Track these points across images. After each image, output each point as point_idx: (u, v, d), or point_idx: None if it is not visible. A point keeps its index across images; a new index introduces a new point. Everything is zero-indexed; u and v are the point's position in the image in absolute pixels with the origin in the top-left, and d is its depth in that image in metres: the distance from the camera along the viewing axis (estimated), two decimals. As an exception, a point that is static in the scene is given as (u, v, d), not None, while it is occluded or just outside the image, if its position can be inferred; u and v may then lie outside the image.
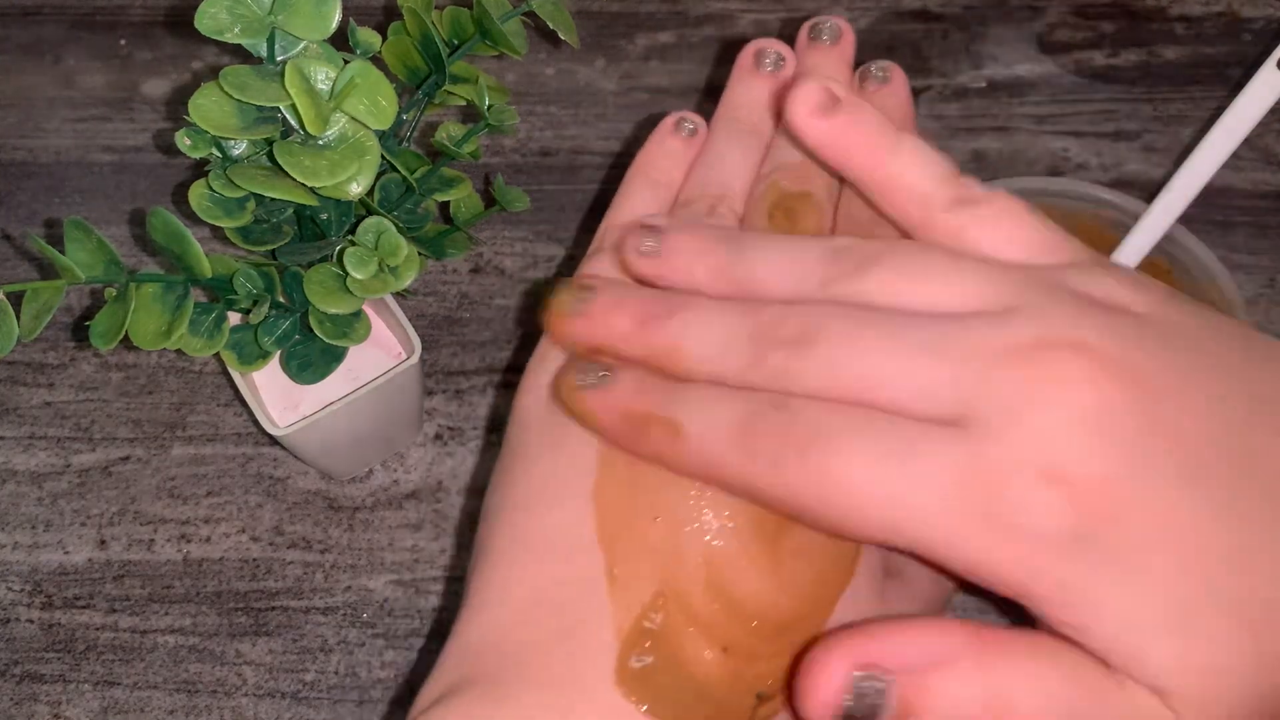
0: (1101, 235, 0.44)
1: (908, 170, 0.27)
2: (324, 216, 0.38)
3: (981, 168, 0.53)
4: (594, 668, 0.25)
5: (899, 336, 0.24)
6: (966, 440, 0.23)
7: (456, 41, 0.40)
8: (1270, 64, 0.38)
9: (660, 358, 0.27)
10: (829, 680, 0.23)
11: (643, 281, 0.29)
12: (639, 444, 0.26)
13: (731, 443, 0.25)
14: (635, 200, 0.34)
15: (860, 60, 0.34)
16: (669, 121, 0.35)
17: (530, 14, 0.40)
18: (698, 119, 0.35)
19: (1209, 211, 0.51)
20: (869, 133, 0.27)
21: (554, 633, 0.26)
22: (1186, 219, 0.40)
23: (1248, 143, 0.44)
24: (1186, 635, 0.22)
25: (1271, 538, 0.23)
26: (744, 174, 0.33)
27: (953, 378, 0.23)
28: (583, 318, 0.28)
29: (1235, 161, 0.52)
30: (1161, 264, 0.43)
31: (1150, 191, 0.40)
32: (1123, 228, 0.43)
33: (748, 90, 0.34)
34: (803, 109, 0.27)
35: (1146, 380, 0.23)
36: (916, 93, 0.56)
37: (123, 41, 0.59)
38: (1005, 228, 0.26)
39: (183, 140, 0.34)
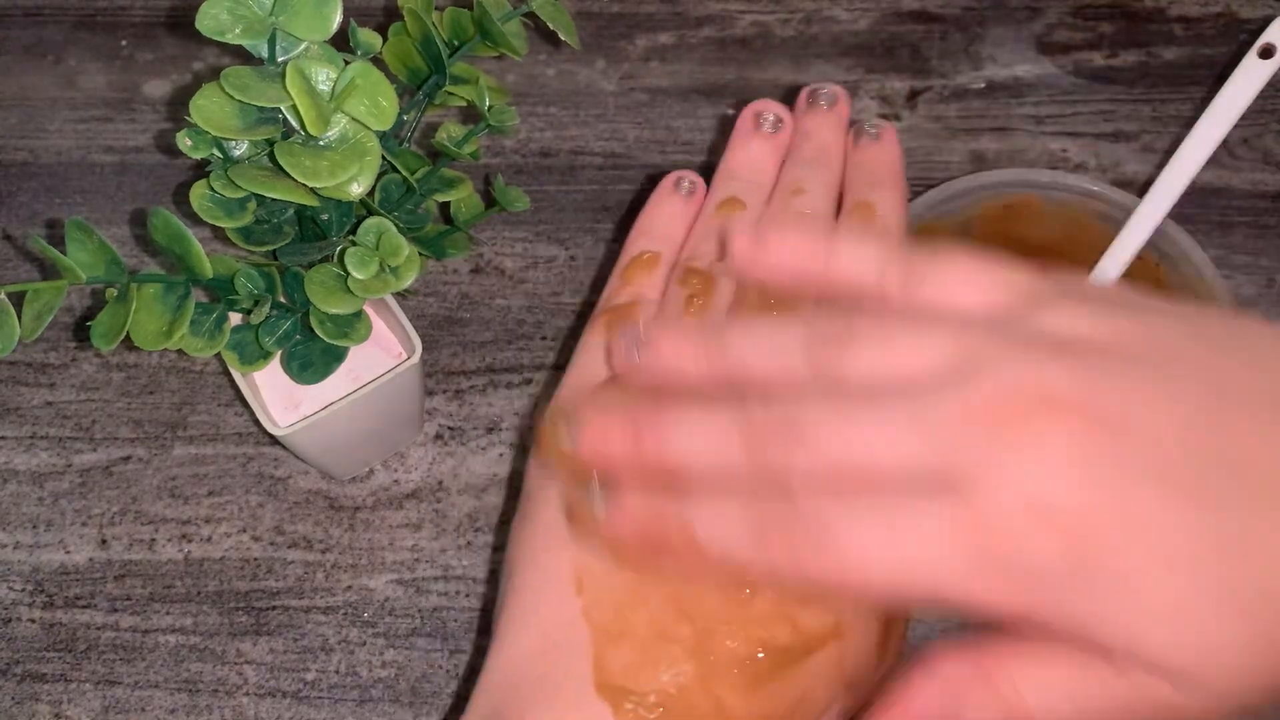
0: (1090, 227, 0.44)
1: (850, 269, 0.28)
2: (325, 217, 0.38)
3: (981, 168, 0.53)
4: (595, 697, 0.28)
5: (875, 415, 0.26)
6: (957, 499, 0.25)
7: (457, 42, 0.40)
8: (1252, 53, 0.38)
9: (655, 469, 0.27)
10: None
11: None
12: (658, 558, 0.28)
13: (748, 545, 0.26)
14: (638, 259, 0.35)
15: (862, 60, 0.34)
16: (669, 181, 0.36)
17: (530, 15, 0.40)
18: (696, 177, 0.36)
19: (1208, 212, 0.51)
20: (800, 252, 0.29)
21: (573, 662, 0.28)
22: (1186, 219, 0.40)
23: (1246, 143, 0.44)
24: (1181, 624, 0.24)
25: (1257, 527, 0.24)
26: None
27: (934, 445, 0.25)
28: (578, 441, 0.29)
29: (1234, 162, 0.52)
30: (1150, 259, 0.43)
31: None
32: (1111, 220, 0.43)
33: (747, 150, 0.36)
34: (739, 255, 0.29)
35: (1111, 411, 0.25)
36: (916, 93, 0.56)
37: (124, 42, 0.59)
38: (960, 287, 0.28)
39: (184, 141, 0.34)
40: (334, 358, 0.41)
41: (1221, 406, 0.25)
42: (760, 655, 0.28)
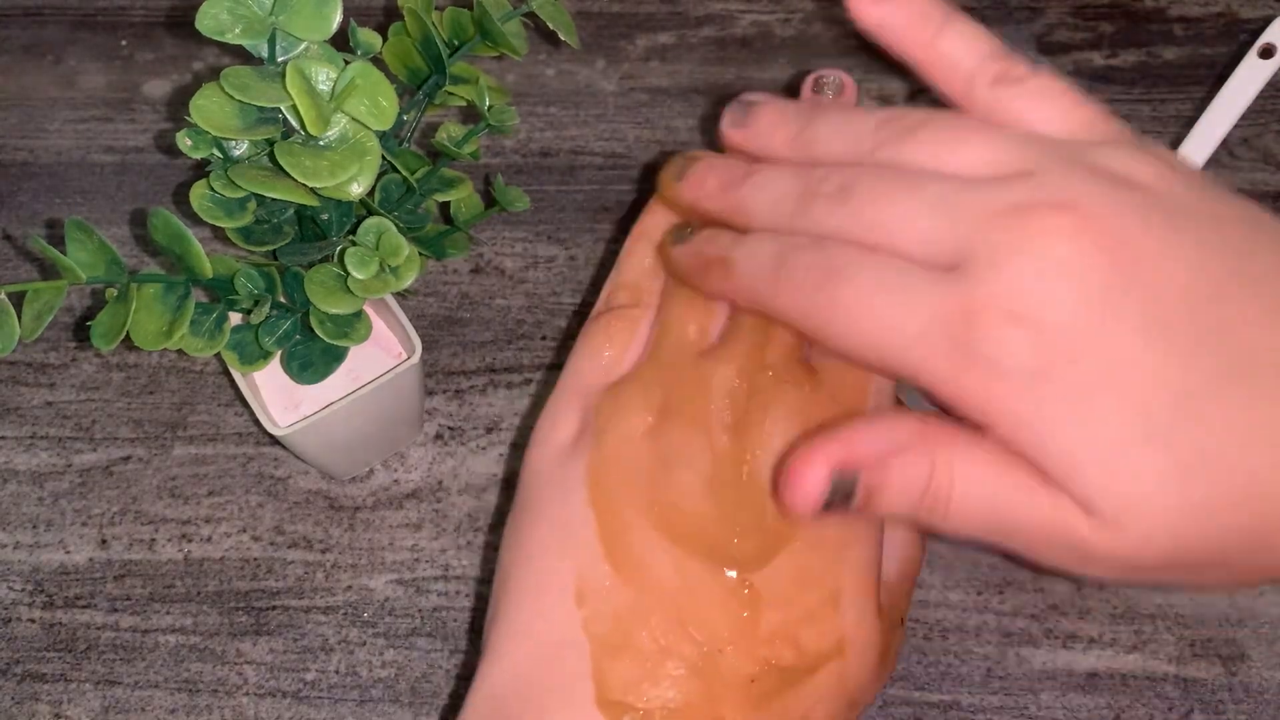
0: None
1: (954, 49, 0.30)
2: (325, 217, 0.38)
3: (981, 168, 0.53)
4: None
5: (916, 193, 0.27)
6: (954, 282, 0.25)
7: (457, 42, 0.40)
8: (1252, 53, 0.38)
9: (731, 214, 0.31)
10: (811, 479, 0.26)
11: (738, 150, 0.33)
12: (702, 280, 0.31)
13: (768, 275, 0.28)
14: (635, 260, 0.35)
15: (862, 60, 0.34)
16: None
17: (530, 15, 0.40)
18: None
19: (1208, 212, 0.51)
20: (916, 14, 0.30)
21: (572, 676, 0.28)
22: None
23: (1246, 143, 0.44)
24: (1118, 466, 0.24)
25: (1221, 394, 0.24)
26: None
27: (954, 229, 0.26)
28: (681, 182, 0.32)
29: (1234, 162, 0.52)
30: None
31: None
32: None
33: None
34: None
35: (1127, 242, 0.25)
36: (916, 93, 0.56)
37: (124, 42, 0.59)
38: (1044, 104, 0.29)
39: (184, 141, 0.34)
40: (334, 358, 0.41)
41: (1237, 283, 0.25)
42: (764, 674, 0.28)
